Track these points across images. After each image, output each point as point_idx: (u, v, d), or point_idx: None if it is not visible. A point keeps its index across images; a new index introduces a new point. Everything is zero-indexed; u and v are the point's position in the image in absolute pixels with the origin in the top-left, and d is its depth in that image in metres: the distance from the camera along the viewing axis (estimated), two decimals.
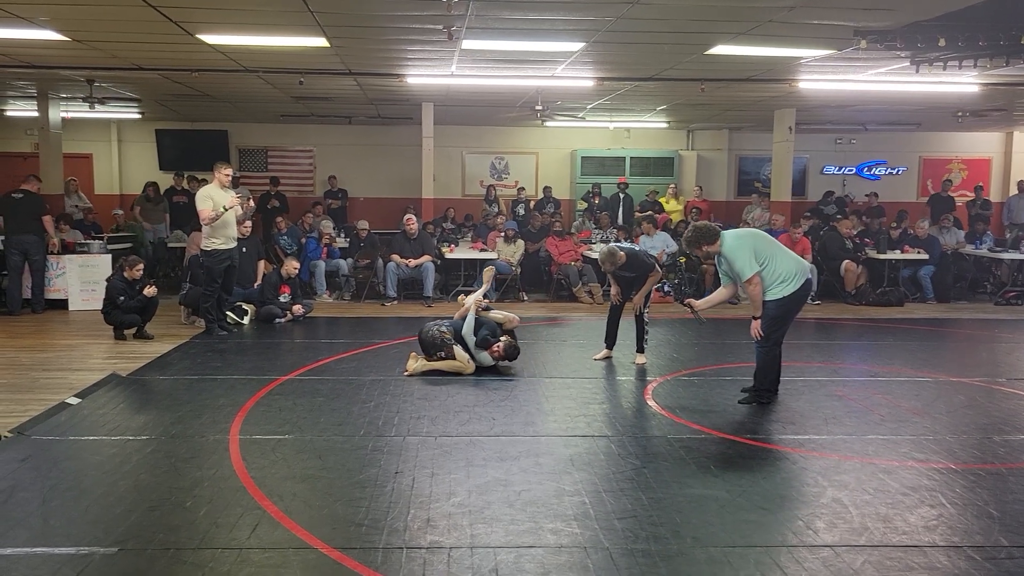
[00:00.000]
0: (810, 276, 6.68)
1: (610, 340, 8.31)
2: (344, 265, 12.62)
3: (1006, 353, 9.42)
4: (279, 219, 13.27)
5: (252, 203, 10.20)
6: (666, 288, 10.19)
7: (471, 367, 7.51)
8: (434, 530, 4.13)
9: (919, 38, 7.55)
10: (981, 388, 7.33)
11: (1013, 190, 16.68)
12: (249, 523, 4.19)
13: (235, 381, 7.21)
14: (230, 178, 9.47)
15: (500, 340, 7.64)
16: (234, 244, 9.45)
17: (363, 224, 13.11)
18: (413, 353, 7.78)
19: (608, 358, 8.23)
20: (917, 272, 12.96)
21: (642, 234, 13.29)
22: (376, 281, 12.42)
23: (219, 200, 9.09)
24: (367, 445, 5.47)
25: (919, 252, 12.99)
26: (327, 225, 13.39)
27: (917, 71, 8.76)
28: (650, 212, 14.87)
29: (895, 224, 14.00)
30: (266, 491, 4.62)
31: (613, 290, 8.29)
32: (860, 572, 3.75)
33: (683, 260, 11.88)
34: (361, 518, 4.26)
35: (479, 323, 7.69)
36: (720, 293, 6.80)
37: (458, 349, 7.51)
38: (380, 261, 12.30)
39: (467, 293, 9.07)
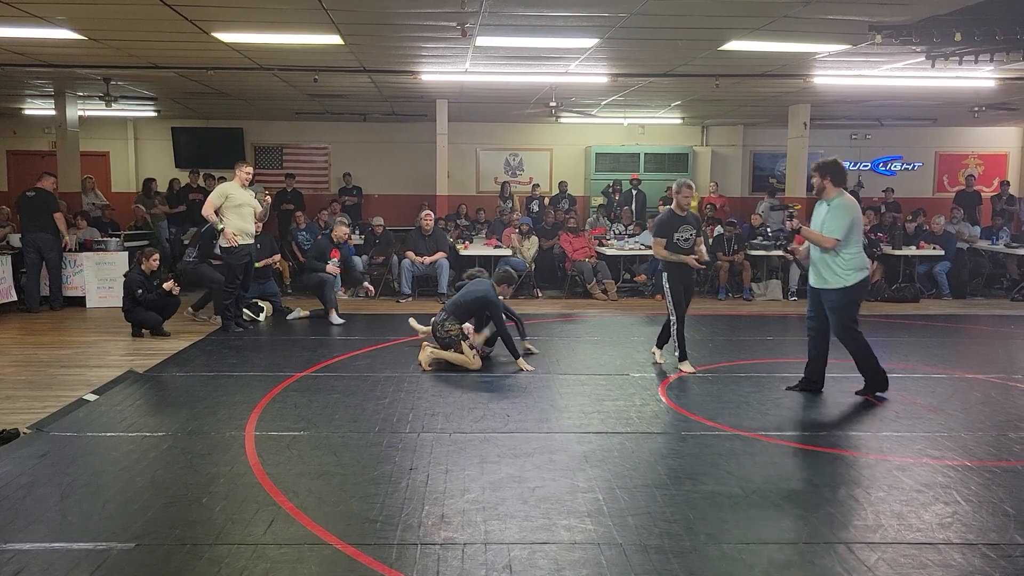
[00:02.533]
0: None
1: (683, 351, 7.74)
2: (359, 262, 12.66)
3: (1022, 350, 9.36)
4: (299, 214, 13.45)
5: (268, 198, 10.25)
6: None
7: (477, 363, 7.58)
8: (448, 526, 4.15)
9: (935, 33, 7.50)
10: (997, 385, 7.29)
11: None
12: (265, 519, 4.22)
13: (251, 378, 7.26)
14: (250, 177, 9.56)
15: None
16: (252, 240, 9.53)
17: (378, 220, 13.17)
18: (424, 343, 7.88)
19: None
20: (933, 268, 12.88)
21: (648, 230, 13.34)
22: (391, 278, 12.47)
23: (235, 198, 9.19)
24: (382, 441, 5.50)
25: (935, 248, 12.91)
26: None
27: (933, 66, 8.70)
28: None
29: (911, 218, 13.93)
30: (281, 487, 4.65)
31: (693, 260, 7.60)
32: (874, 569, 3.75)
33: (797, 207, 10.96)
34: (376, 514, 4.28)
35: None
36: (818, 237, 6.56)
37: (465, 345, 7.61)
38: (395, 258, 12.34)
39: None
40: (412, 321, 8.91)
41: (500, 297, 7.87)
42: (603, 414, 6.23)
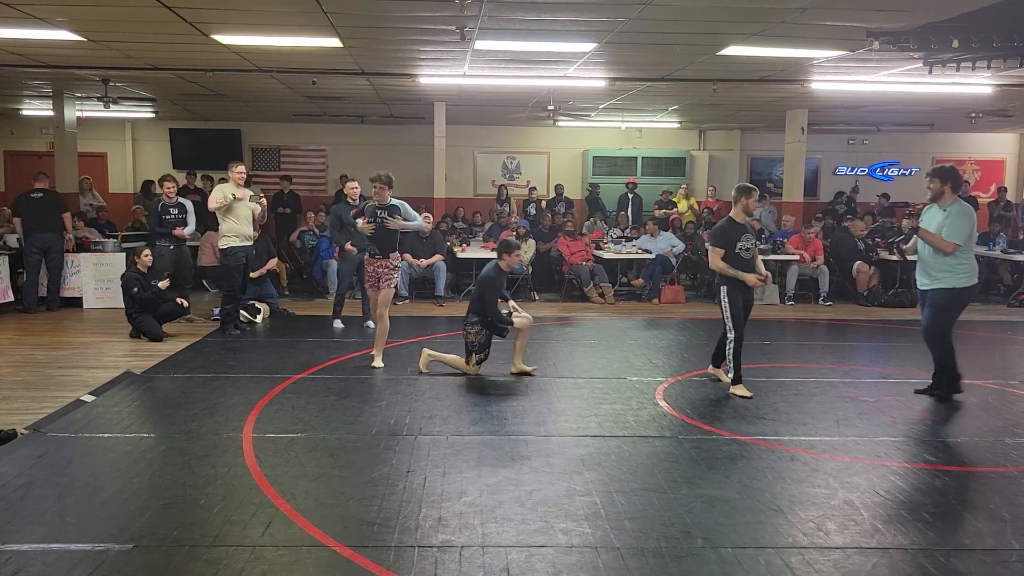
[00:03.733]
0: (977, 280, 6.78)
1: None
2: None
3: (1019, 355, 9.39)
4: (310, 214, 13.68)
5: (264, 201, 10.23)
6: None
7: (474, 369, 7.57)
8: (446, 529, 4.15)
9: (932, 39, 7.52)
10: (993, 390, 7.31)
11: None
12: (262, 521, 4.22)
13: (248, 379, 7.26)
14: (244, 176, 9.56)
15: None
16: (249, 243, 9.54)
17: None
18: (424, 349, 7.87)
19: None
20: None
21: (645, 233, 13.38)
22: None
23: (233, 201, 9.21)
24: (379, 444, 5.51)
25: None
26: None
27: (930, 72, 8.72)
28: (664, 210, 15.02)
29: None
30: (279, 489, 4.65)
31: (754, 278, 6.97)
32: (871, 575, 3.76)
33: (918, 206, 10.34)
34: (373, 516, 4.29)
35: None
36: (938, 240, 6.56)
37: (474, 358, 7.54)
38: None
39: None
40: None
41: (507, 267, 7.59)
42: (600, 418, 6.24)
